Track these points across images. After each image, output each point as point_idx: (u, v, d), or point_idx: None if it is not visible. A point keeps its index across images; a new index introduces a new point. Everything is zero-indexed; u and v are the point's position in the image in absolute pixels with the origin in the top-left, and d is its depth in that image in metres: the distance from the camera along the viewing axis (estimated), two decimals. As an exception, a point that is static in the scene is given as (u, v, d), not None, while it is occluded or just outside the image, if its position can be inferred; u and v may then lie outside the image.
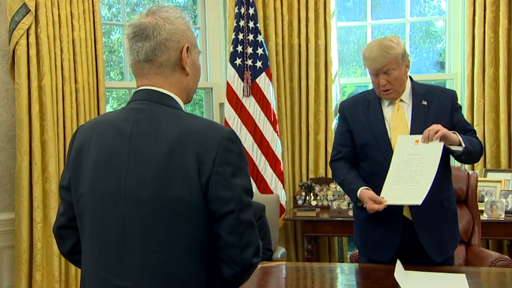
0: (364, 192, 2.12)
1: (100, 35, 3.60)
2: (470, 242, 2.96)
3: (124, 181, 1.21)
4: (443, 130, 2.01)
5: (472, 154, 2.09)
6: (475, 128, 3.81)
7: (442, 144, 2.02)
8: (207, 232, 1.21)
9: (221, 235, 1.20)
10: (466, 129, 2.19)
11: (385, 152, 2.15)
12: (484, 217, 3.41)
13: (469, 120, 3.85)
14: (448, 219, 2.21)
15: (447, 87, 4.19)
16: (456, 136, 2.04)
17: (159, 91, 1.27)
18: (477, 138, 2.19)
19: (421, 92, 2.21)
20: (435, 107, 2.17)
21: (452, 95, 2.23)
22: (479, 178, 3.57)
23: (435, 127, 2.03)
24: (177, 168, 1.17)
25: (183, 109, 1.30)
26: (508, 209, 3.46)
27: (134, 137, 1.23)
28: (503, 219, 3.41)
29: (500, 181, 3.65)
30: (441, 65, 4.46)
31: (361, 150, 2.24)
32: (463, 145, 2.02)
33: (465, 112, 3.89)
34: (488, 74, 3.82)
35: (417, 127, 2.13)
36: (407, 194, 2.00)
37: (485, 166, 3.85)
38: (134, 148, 1.22)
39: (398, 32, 4.40)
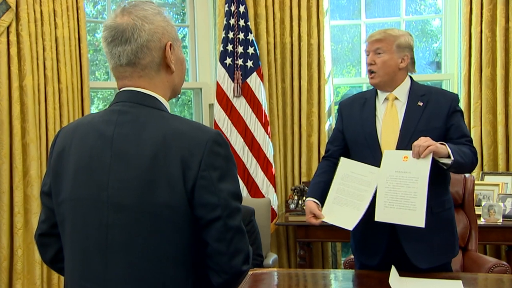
0: (308, 204, 2.22)
1: (85, 33, 3.58)
2: (467, 248, 2.97)
3: (105, 186, 1.20)
4: (432, 146, 1.99)
5: (463, 166, 2.07)
6: (472, 130, 3.86)
7: (430, 159, 2.00)
8: (194, 239, 1.20)
9: (209, 242, 1.19)
10: (460, 134, 2.17)
11: (373, 151, 2.17)
12: (481, 221, 3.42)
13: (466, 122, 3.76)
14: (439, 226, 2.18)
15: (443, 87, 4.21)
16: (445, 148, 2.02)
17: (143, 92, 1.26)
18: (471, 146, 2.17)
19: (419, 92, 2.21)
20: (431, 109, 2.17)
21: (452, 98, 2.22)
22: (476, 182, 3.58)
23: (424, 142, 2.00)
24: (161, 173, 1.16)
25: (168, 111, 1.29)
26: (506, 213, 3.48)
27: (116, 140, 1.21)
28: (500, 223, 3.43)
29: (497, 185, 3.67)
30: (438, 65, 4.49)
31: (352, 148, 2.28)
32: (452, 158, 2.00)
33: (461, 114, 3.92)
34: (485, 74, 3.85)
35: (407, 128, 2.14)
36: (405, 218, 2.03)
37: (482, 169, 3.87)
38: (116, 151, 1.21)
39: (393, 31, 4.42)
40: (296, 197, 3.87)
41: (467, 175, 3.16)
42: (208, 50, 4.27)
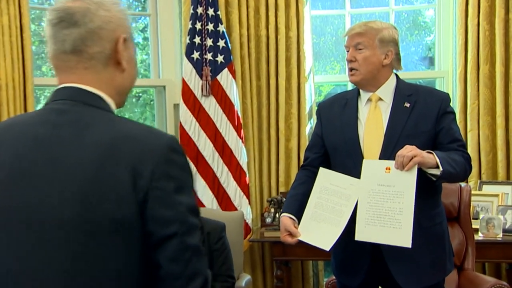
0: (282, 220, 2.22)
1: (27, 21, 3.49)
2: (463, 266, 2.96)
3: (39, 196, 1.15)
4: (418, 158, 1.97)
5: (454, 176, 2.07)
6: (468, 134, 3.87)
7: (415, 172, 1.98)
8: (144, 259, 1.16)
9: (162, 263, 1.14)
10: (452, 139, 2.16)
11: (355, 159, 2.16)
12: (479, 236, 3.41)
13: (462, 125, 3.87)
14: (429, 242, 2.17)
15: (437, 86, 4.23)
16: (433, 158, 2.00)
17: (86, 90, 1.22)
18: (464, 152, 2.15)
19: (406, 92, 2.21)
20: (419, 110, 2.17)
21: (442, 97, 2.22)
22: (473, 192, 3.60)
23: (409, 152, 1.98)
24: (107, 182, 1.13)
25: (114, 113, 1.25)
26: (507, 227, 3.47)
27: (53, 144, 1.17)
28: (500, 239, 3.42)
29: (497, 195, 3.67)
30: (431, 61, 4.50)
31: (332, 156, 2.28)
32: (441, 168, 1.98)
33: (457, 116, 3.90)
34: (483, 71, 3.85)
35: (392, 132, 2.14)
36: (389, 237, 2.03)
37: (480, 178, 3.87)
38: (52, 156, 1.16)
39: (382, 22, 4.41)
40: (272, 210, 3.84)
41: (462, 184, 3.15)
42: (172, 43, 4.21)
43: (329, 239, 2.08)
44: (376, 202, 2.04)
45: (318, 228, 2.12)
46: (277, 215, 3.80)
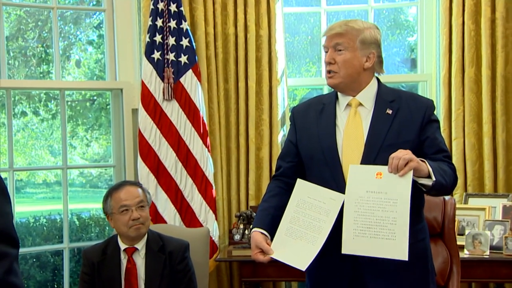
0: (253, 235, 2.20)
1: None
2: (448, 286, 2.98)
3: None
4: (413, 162, 1.98)
5: (444, 188, 2.08)
6: (453, 142, 3.93)
7: (411, 177, 1.98)
8: None
9: None
10: (437, 149, 2.18)
11: (333, 169, 2.16)
12: (464, 254, 3.45)
13: (446, 133, 3.93)
14: (411, 260, 2.12)
15: (419, 90, 4.28)
16: (425, 166, 2.01)
17: None
18: (450, 163, 2.18)
19: (388, 98, 2.23)
20: (401, 118, 2.18)
21: (427, 104, 2.24)
22: (458, 205, 3.63)
23: (404, 155, 1.98)
24: None
25: None
26: (494, 244, 3.51)
27: None
28: (487, 256, 3.45)
29: (483, 209, 3.72)
30: (414, 63, 4.55)
31: (308, 165, 2.28)
32: (433, 178, 2.00)
33: (441, 123, 3.94)
34: (469, 75, 3.92)
35: (373, 141, 2.15)
36: (382, 249, 2.01)
37: (466, 190, 3.92)
38: None
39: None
40: (242, 226, 3.81)
41: (447, 197, 3.17)
42: (130, 41, 4.17)
43: (305, 258, 2.05)
44: (365, 211, 2.02)
45: (293, 246, 2.09)
46: (246, 231, 3.77)
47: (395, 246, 1.98)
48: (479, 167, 3.93)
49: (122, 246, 2.84)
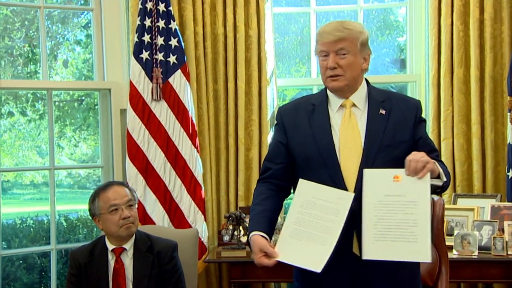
0: (255, 239, 2.13)
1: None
2: (437, 286, 2.99)
3: None
4: (431, 163, 2.02)
5: (446, 188, 2.15)
6: (442, 143, 3.95)
7: (429, 179, 2.02)
8: None
9: None
10: (430, 149, 2.22)
11: (332, 171, 2.15)
12: (453, 254, 3.47)
13: (435, 133, 3.97)
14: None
15: (409, 90, 4.31)
16: (437, 167, 2.07)
17: None
18: (442, 163, 2.22)
19: (379, 98, 2.25)
20: (395, 118, 2.21)
21: (416, 105, 2.29)
22: (446, 206, 3.65)
23: (421, 157, 2.02)
24: None
25: None
26: (483, 244, 3.53)
27: None
28: (476, 257, 3.48)
29: (472, 209, 3.74)
30: (403, 63, 4.57)
31: (301, 167, 2.24)
32: (444, 179, 2.07)
33: (430, 123, 3.99)
34: (458, 75, 3.95)
35: (372, 142, 2.16)
36: (404, 252, 2.02)
37: (454, 191, 3.95)
38: None
39: (350, 21, 4.47)
40: (231, 227, 3.81)
41: (435, 197, 3.19)
42: (119, 41, 4.17)
43: (318, 259, 2.01)
44: (384, 215, 2.03)
45: (301, 247, 2.06)
46: (235, 232, 3.78)
47: (417, 248, 1.99)
48: (467, 167, 3.96)
49: (110, 246, 2.84)
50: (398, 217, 2.01)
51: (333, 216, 2.07)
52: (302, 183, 2.15)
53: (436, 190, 2.12)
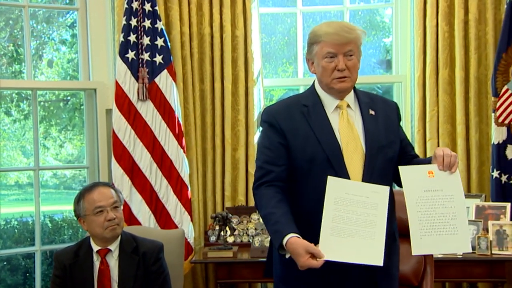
0: (295, 241, 2.03)
1: None
2: (421, 286, 3.01)
3: None
4: (457, 157, 2.11)
5: None
6: (428, 143, 4.00)
7: (458, 173, 2.10)
8: None
9: None
10: (411, 147, 2.31)
11: (338, 170, 2.14)
12: (438, 254, 3.46)
13: (420, 134, 4.02)
14: (396, 254, 2.32)
15: (394, 91, 4.35)
16: None
17: None
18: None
19: (364, 99, 2.27)
20: (382, 118, 2.25)
21: (396, 106, 2.36)
22: (432, 206, 3.69)
23: (450, 152, 2.10)
24: None
25: None
26: (467, 243, 3.57)
27: None
28: (460, 256, 3.51)
29: (457, 209, 3.77)
30: (389, 64, 4.60)
31: (304, 169, 2.20)
32: None
33: (415, 123, 4.03)
34: (443, 76, 3.98)
35: (372, 142, 2.18)
36: (448, 245, 2.08)
37: (440, 190, 3.97)
38: None
39: (336, 22, 4.48)
40: (217, 227, 3.82)
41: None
42: (104, 41, 4.16)
43: (373, 253, 2.03)
44: (427, 210, 2.08)
45: (347, 244, 2.04)
46: (222, 233, 3.78)
47: (459, 240, 2.07)
48: (452, 167, 3.99)
49: (95, 247, 2.82)
50: (439, 211, 2.08)
51: (373, 210, 2.07)
52: (331, 180, 2.10)
53: None
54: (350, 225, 2.06)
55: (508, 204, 3.69)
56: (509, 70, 3.77)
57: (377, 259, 2.02)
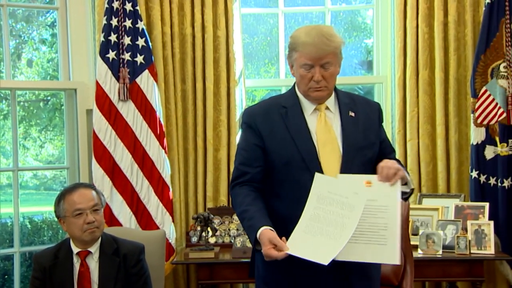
0: (265, 232, 2.07)
1: None
2: (401, 286, 3.04)
3: None
4: (401, 171, 2.08)
5: (411, 195, 2.23)
6: (408, 143, 4.03)
7: (399, 185, 2.07)
8: None
9: None
10: (390, 150, 2.31)
11: (314, 172, 2.14)
12: (418, 253, 3.53)
13: (401, 134, 4.04)
14: None
15: (375, 92, 4.37)
16: (405, 175, 2.12)
17: None
18: (401, 162, 2.28)
19: (345, 100, 2.27)
20: (363, 120, 2.24)
21: (378, 107, 2.35)
22: (412, 206, 3.72)
23: (393, 165, 2.08)
24: None
25: None
26: (447, 243, 3.60)
27: None
28: (440, 256, 3.54)
29: (437, 209, 3.80)
30: (371, 65, 4.62)
31: (281, 171, 2.21)
32: (412, 186, 2.14)
33: (396, 124, 4.06)
34: (423, 77, 4.01)
35: (349, 144, 2.18)
36: (374, 255, 2.06)
37: (420, 191, 4.02)
38: None
39: (317, 23, 4.50)
40: (199, 228, 3.81)
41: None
42: (84, 41, 4.14)
43: (326, 253, 2.01)
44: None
45: (313, 242, 2.05)
46: (203, 233, 3.77)
47: (387, 251, 2.03)
48: (433, 167, 4.03)
49: (75, 249, 2.80)
50: (370, 220, 2.04)
51: (348, 211, 2.06)
52: (318, 177, 2.11)
53: (403, 197, 2.15)
54: (324, 225, 2.08)
55: (486, 204, 3.73)
56: (488, 71, 3.82)
57: (325, 258, 2.01)
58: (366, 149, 2.17)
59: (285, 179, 2.20)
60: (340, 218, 2.07)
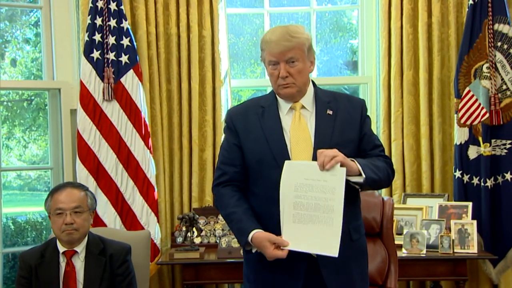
0: (259, 235, 2.14)
1: None
2: (386, 285, 3.06)
3: None
4: (339, 157, 2.09)
5: (377, 182, 2.20)
6: (393, 143, 4.05)
7: (344, 173, 2.09)
8: None
9: None
10: (373, 145, 2.31)
11: None
12: (402, 253, 3.56)
13: (386, 134, 4.06)
14: (358, 254, 2.31)
15: (360, 92, 4.39)
16: (354, 165, 2.12)
17: None
18: (385, 157, 2.31)
19: (325, 99, 2.30)
20: (342, 117, 2.27)
21: (361, 104, 2.37)
22: (397, 205, 3.75)
23: (329, 152, 2.09)
24: None
25: None
26: (431, 242, 3.63)
27: None
28: (424, 255, 3.57)
29: (421, 209, 3.85)
30: (356, 65, 4.65)
31: (255, 169, 2.28)
32: (364, 175, 2.12)
33: (380, 124, 4.09)
34: (407, 77, 4.05)
35: (321, 142, 2.20)
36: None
37: (404, 191, 4.05)
38: None
39: (303, 23, 4.53)
40: (184, 228, 3.80)
41: (385, 197, 3.28)
42: (69, 40, 4.13)
43: (329, 243, 2.05)
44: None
45: (308, 232, 2.08)
46: (189, 234, 3.77)
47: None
48: (417, 167, 4.06)
49: (61, 249, 2.79)
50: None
51: (330, 194, 2.09)
52: (288, 164, 2.15)
53: (363, 188, 2.17)
54: (310, 211, 2.10)
55: (470, 204, 3.78)
56: (471, 72, 3.86)
57: (331, 249, 2.05)
58: (341, 147, 2.17)
59: (259, 177, 2.26)
60: (324, 201, 2.10)
